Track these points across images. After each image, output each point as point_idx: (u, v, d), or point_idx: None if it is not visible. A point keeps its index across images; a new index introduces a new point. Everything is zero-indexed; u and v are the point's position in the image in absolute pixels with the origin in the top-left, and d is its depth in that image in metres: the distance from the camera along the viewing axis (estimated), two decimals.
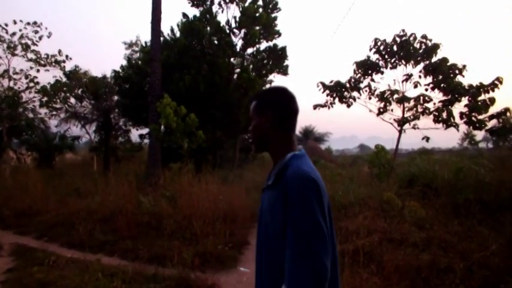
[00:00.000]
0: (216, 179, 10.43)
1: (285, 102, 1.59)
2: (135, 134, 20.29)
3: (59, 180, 11.68)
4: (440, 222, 6.22)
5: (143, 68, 16.47)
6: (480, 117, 14.17)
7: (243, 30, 16.87)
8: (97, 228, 6.87)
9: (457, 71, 14.53)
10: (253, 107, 1.63)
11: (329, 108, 16.98)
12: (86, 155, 22.74)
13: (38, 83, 17.39)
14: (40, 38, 17.09)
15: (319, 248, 1.26)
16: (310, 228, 1.28)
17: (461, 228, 5.88)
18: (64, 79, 18.31)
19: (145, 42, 17.74)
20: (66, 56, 17.91)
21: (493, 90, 13.72)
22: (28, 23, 16.72)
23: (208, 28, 16.81)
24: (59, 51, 17.62)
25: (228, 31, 16.98)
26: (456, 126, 14.73)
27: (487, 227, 5.93)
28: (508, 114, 14.26)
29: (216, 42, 16.93)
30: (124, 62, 17.99)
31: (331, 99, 16.71)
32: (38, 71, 17.49)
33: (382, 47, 15.87)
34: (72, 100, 18.99)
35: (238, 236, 6.70)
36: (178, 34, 17.22)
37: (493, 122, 14.58)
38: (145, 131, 18.12)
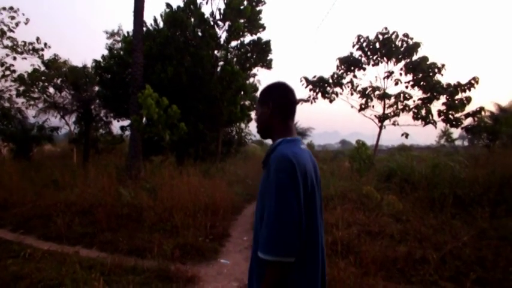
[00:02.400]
0: (197, 171, 10.41)
1: (283, 93, 1.82)
2: (116, 125, 20.00)
3: (36, 172, 11.40)
4: (417, 215, 6.43)
5: (125, 58, 16.15)
6: (457, 115, 14.60)
7: (227, 23, 16.73)
8: (75, 221, 6.72)
9: (436, 70, 14.88)
10: (258, 100, 1.88)
11: (312, 103, 17.15)
12: (65, 147, 22.23)
13: (14, 71, 16.93)
14: (17, 24, 16.61)
15: (288, 219, 1.47)
16: (280, 203, 1.48)
17: (436, 221, 6.10)
18: (42, 68, 17.81)
19: (128, 32, 17.35)
20: (45, 44, 17.47)
21: (470, 90, 14.15)
22: (4, 8, 16.22)
23: (192, 19, 16.58)
24: (37, 39, 17.17)
25: (212, 23, 16.80)
26: (434, 123, 15.11)
27: (460, 220, 6.19)
28: (482, 113, 14.73)
29: (199, 34, 16.73)
30: (105, 52, 17.58)
31: (314, 94, 16.89)
32: (14, 58, 17.00)
33: (364, 44, 16.09)
34: (51, 90, 18.45)
35: (219, 228, 6.72)
36: (161, 25, 16.93)
37: (469, 120, 15.06)
38: (126, 122, 17.85)
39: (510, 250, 4.64)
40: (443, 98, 14.85)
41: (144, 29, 14.97)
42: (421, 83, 15.17)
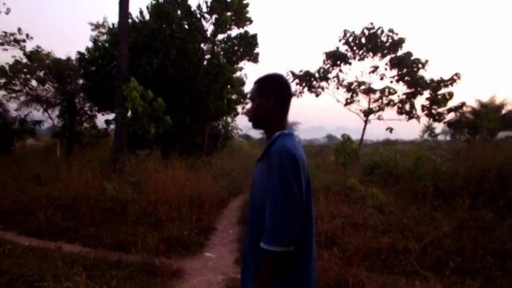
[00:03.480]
0: (183, 165, 10.36)
1: (285, 87, 1.84)
2: (101, 119, 19.72)
3: (18, 167, 11.16)
4: (400, 207, 6.55)
5: (110, 50, 15.90)
6: (439, 110, 14.88)
7: (214, 16, 16.60)
8: (58, 216, 6.56)
9: (420, 65, 15.09)
10: (255, 89, 1.86)
11: (298, 97, 17.26)
12: (48, 141, 21.76)
13: None
14: None
15: (293, 211, 1.54)
16: (285, 194, 1.54)
17: (418, 212, 6.22)
18: (24, 60, 17.46)
19: (113, 24, 17.13)
20: (27, 35, 17.11)
21: (452, 85, 14.44)
22: None
23: (179, 12, 16.42)
24: (19, 30, 16.80)
25: (198, 16, 16.66)
26: (418, 118, 15.36)
27: (442, 211, 6.34)
28: (464, 108, 15.06)
29: (186, 26, 16.58)
30: (90, 44, 17.26)
31: (301, 88, 16.97)
32: None
33: (351, 39, 16.19)
34: (34, 82, 18.10)
35: (205, 221, 6.70)
36: (147, 17, 16.73)
37: (451, 115, 15.38)
38: (111, 116, 17.59)
39: (488, 240, 4.76)
40: (426, 93, 15.11)
41: (130, 21, 14.75)
42: (406, 78, 15.39)
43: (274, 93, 1.80)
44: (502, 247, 4.51)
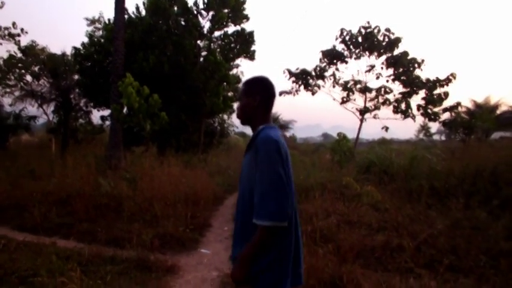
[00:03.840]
0: (179, 162, 10.35)
1: (269, 88, 2.05)
2: (96, 115, 19.64)
3: (12, 162, 11.11)
4: (394, 205, 6.58)
5: (106, 46, 15.78)
6: (435, 109, 14.96)
7: (211, 12, 16.54)
8: (53, 211, 6.54)
9: (416, 65, 15.15)
10: (242, 90, 2.08)
11: (294, 95, 17.25)
12: (43, 137, 21.62)
13: None
14: None
15: (281, 188, 1.71)
16: (272, 176, 1.71)
17: (412, 211, 6.25)
18: (19, 54, 17.31)
19: (109, 20, 16.93)
20: (22, 30, 16.91)
21: (447, 85, 14.51)
22: None
23: (175, 8, 16.34)
24: (13, 24, 16.58)
25: (195, 12, 16.59)
26: (413, 117, 15.43)
27: (436, 210, 6.35)
28: (459, 108, 15.16)
29: (182, 23, 16.51)
30: (85, 39, 17.13)
31: (297, 86, 16.98)
32: None
33: (347, 38, 16.21)
34: (28, 77, 17.97)
35: (200, 218, 6.70)
36: (143, 12, 16.63)
37: (446, 115, 15.47)
38: (107, 112, 17.48)
39: (481, 239, 4.79)
40: (422, 93, 15.19)
41: (126, 16, 14.67)
42: (402, 77, 15.44)
43: (259, 94, 2.01)
44: (495, 246, 4.53)
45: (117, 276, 4.11)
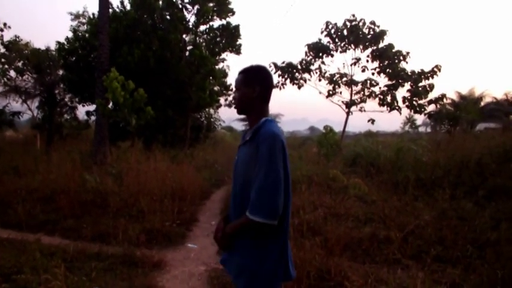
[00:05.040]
0: (165, 157, 10.27)
1: (268, 79, 2.02)
2: (81, 110, 19.34)
3: None
4: (381, 197, 6.62)
5: (90, 41, 15.53)
6: (420, 102, 15.10)
7: (196, 6, 16.39)
8: (37, 208, 6.45)
9: (401, 57, 15.24)
10: (240, 79, 2.01)
11: (281, 89, 17.21)
12: (28, 133, 21.23)
13: None
14: None
15: (276, 187, 1.71)
16: (272, 174, 1.71)
17: (399, 202, 6.29)
18: (2, 50, 17.07)
19: (93, 14, 16.73)
20: (4, 24, 16.63)
21: (432, 77, 14.64)
22: None
23: (160, 2, 16.15)
24: None
25: (180, 6, 16.44)
26: (399, 109, 15.55)
27: (422, 201, 6.41)
28: (444, 100, 15.33)
29: (167, 17, 16.35)
30: (70, 34, 16.84)
31: (283, 80, 16.93)
32: None
33: (333, 31, 16.20)
34: (12, 73, 17.72)
35: (187, 213, 6.65)
36: (128, 7, 16.40)
37: (432, 107, 15.64)
38: (92, 107, 17.17)
39: (468, 229, 4.84)
40: (407, 85, 15.28)
41: (111, 11, 14.43)
42: (387, 70, 15.51)
43: (258, 84, 1.96)
44: (481, 236, 4.59)
45: (103, 272, 4.05)
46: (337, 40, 16.27)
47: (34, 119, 20.45)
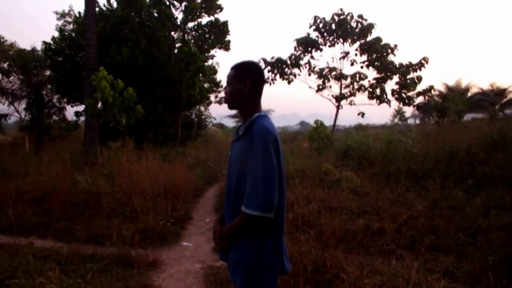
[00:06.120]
0: (157, 156, 10.21)
1: (260, 74, 2.04)
2: (70, 111, 19.12)
3: None
4: (374, 189, 6.66)
5: (77, 40, 15.33)
6: (409, 94, 15.25)
7: (183, 3, 16.29)
8: (28, 211, 6.35)
9: (389, 50, 15.32)
10: (232, 74, 2.01)
11: (271, 84, 17.22)
12: (16, 135, 20.95)
13: None
14: None
15: (270, 180, 1.73)
16: (266, 167, 1.74)
17: (392, 194, 6.34)
18: None
19: (79, 13, 16.52)
20: None
21: (420, 69, 14.78)
22: None
23: None
24: None
25: (168, 3, 16.32)
26: (388, 102, 15.67)
27: (414, 192, 6.49)
28: (432, 91, 15.50)
29: (155, 14, 16.23)
30: (56, 34, 16.62)
31: (273, 75, 16.94)
32: None
33: (321, 25, 16.22)
34: None
35: (180, 211, 6.64)
36: (115, 5, 16.22)
37: (420, 99, 15.84)
38: (81, 107, 16.99)
39: (459, 218, 4.91)
40: (396, 78, 15.40)
41: (97, 9, 14.24)
42: (375, 63, 15.59)
43: (250, 79, 1.97)
44: (472, 224, 4.65)
45: (98, 274, 4.01)
46: (325, 34, 16.30)
47: (22, 121, 20.19)
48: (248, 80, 1.97)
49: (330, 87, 16.59)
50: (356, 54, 16.04)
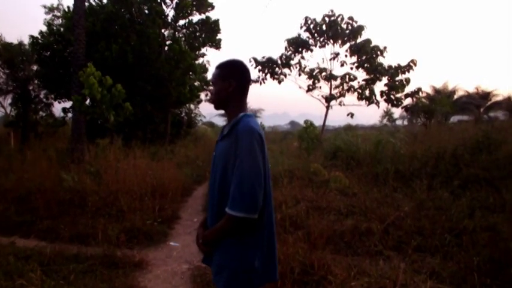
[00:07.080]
0: (145, 154, 10.11)
1: (245, 73, 1.99)
2: (57, 107, 18.78)
3: None
4: (362, 189, 6.70)
5: (66, 35, 15.12)
6: (397, 95, 15.43)
7: (175, 0, 16.21)
8: (11, 209, 6.22)
9: (378, 52, 15.48)
10: (216, 74, 1.98)
11: (261, 84, 17.22)
12: (1, 131, 20.63)
13: None
14: None
15: (256, 180, 1.70)
16: (252, 168, 1.70)
17: (379, 194, 6.40)
18: None
19: (68, 7, 16.23)
20: None
21: (409, 71, 14.97)
22: None
23: None
24: None
25: (159, 0, 16.22)
26: (377, 103, 15.81)
27: (402, 193, 6.55)
28: (420, 93, 15.72)
29: (146, 11, 16.09)
30: (44, 28, 16.36)
31: (263, 75, 16.95)
32: None
33: (312, 26, 16.29)
34: None
35: (168, 210, 6.54)
36: (105, 0, 16.06)
37: (408, 100, 16.05)
38: (69, 104, 16.69)
39: (445, 218, 4.96)
40: (385, 79, 15.57)
41: (87, 4, 14.04)
42: (365, 64, 15.73)
43: (234, 78, 1.94)
44: (458, 225, 4.70)
45: (82, 274, 3.92)
46: (316, 35, 16.38)
47: (7, 117, 19.82)
48: (233, 79, 1.94)
49: (320, 87, 16.68)
50: (346, 56, 16.17)
